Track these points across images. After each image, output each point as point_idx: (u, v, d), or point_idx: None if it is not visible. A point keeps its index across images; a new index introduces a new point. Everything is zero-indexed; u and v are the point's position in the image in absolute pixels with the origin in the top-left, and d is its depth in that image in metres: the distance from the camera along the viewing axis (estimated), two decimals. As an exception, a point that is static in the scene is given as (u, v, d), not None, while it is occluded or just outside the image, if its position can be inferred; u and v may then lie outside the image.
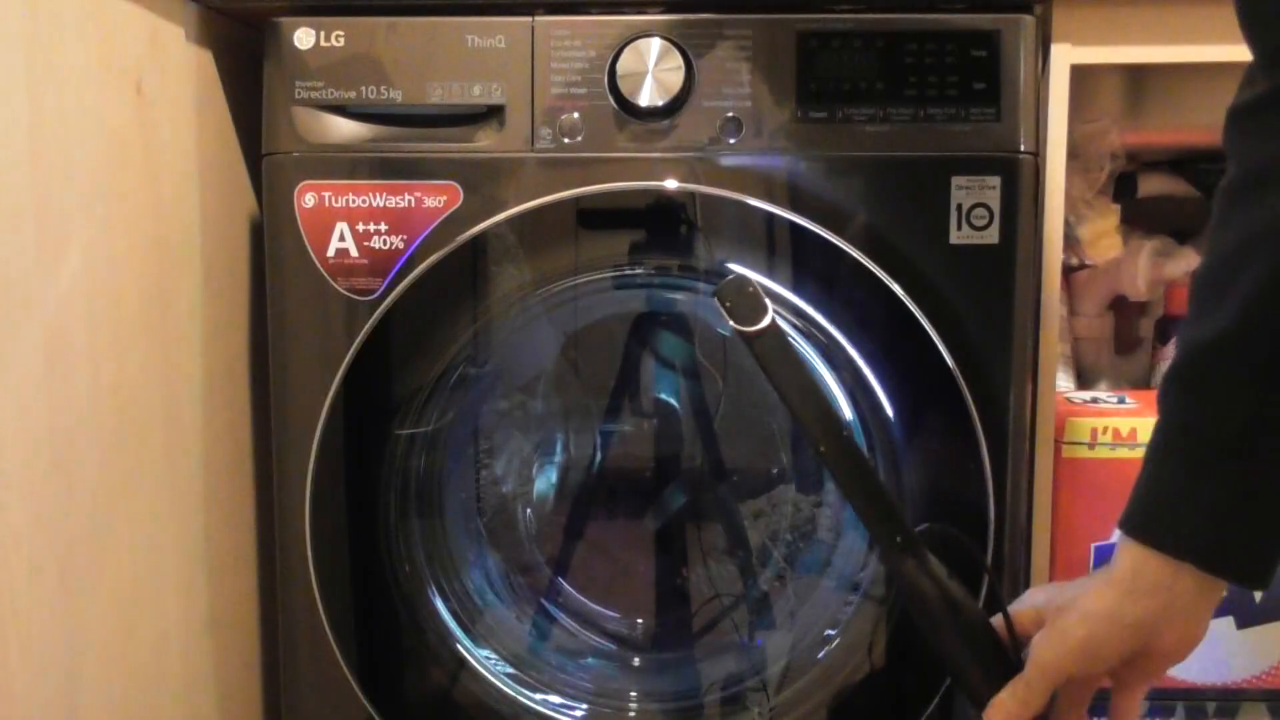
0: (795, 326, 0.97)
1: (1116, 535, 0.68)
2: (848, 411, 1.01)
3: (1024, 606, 0.74)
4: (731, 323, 0.78)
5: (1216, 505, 0.62)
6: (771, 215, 0.93)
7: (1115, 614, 0.66)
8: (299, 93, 0.94)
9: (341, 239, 0.94)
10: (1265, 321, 0.60)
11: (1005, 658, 0.74)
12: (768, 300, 0.79)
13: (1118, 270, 1.29)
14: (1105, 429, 0.98)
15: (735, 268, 0.93)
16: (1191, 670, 1.01)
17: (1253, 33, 0.61)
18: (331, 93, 0.94)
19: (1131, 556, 0.65)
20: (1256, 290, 0.59)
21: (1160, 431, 0.66)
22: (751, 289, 0.78)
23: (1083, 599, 0.68)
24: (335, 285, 0.95)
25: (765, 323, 0.77)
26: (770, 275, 0.94)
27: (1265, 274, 0.59)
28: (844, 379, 0.98)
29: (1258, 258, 0.59)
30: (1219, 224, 0.63)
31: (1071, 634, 0.68)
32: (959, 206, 0.92)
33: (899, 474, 0.95)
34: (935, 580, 0.75)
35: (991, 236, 0.92)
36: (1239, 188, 0.62)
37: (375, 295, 0.94)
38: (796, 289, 0.94)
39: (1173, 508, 0.64)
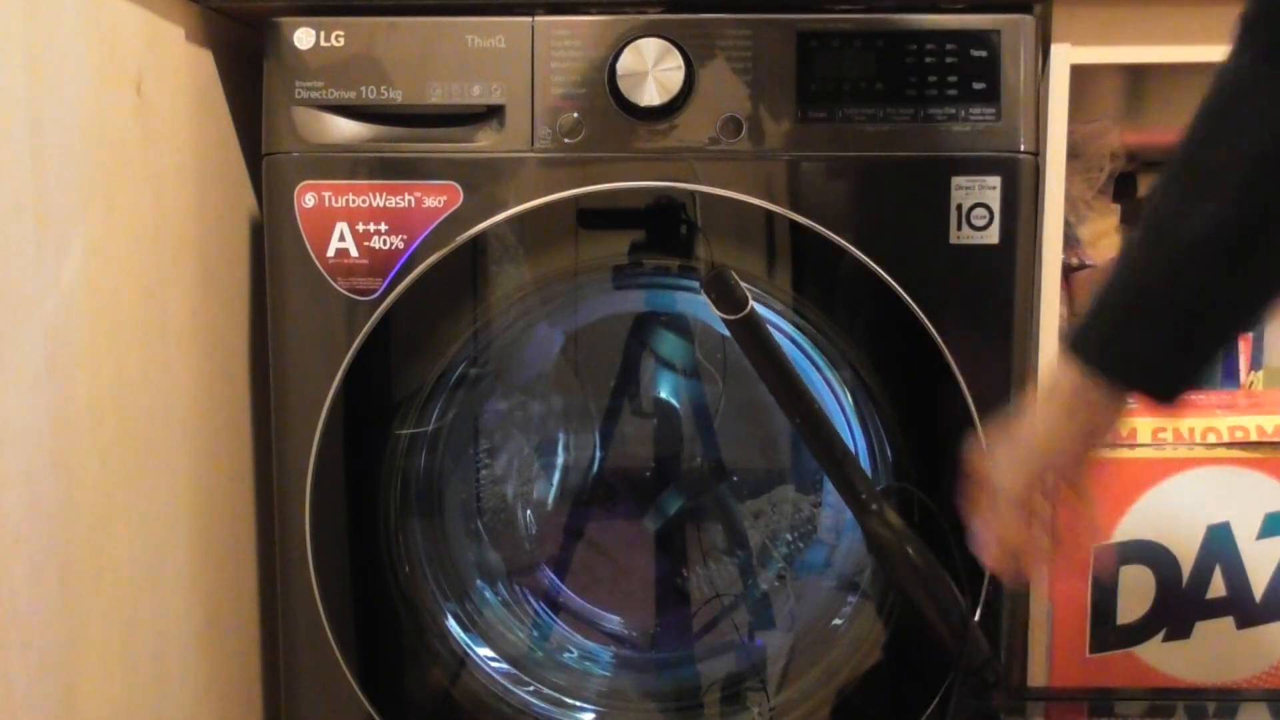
0: (795, 325, 0.97)
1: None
2: (848, 410, 1.01)
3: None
4: (717, 311, 0.87)
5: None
6: (771, 215, 0.93)
7: (1028, 420, 0.75)
8: (299, 93, 0.94)
9: (341, 239, 0.94)
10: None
11: (955, 596, 0.86)
12: (747, 291, 0.87)
13: (1118, 270, 1.28)
14: (1105, 429, 0.98)
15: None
16: (1191, 670, 1.01)
17: None
18: (331, 93, 0.94)
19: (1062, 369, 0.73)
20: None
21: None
22: (733, 281, 0.86)
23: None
24: (335, 285, 0.95)
25: (746, 311, 0.86)
26: (770, 275, 0.94)
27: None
28: (844, 378, 0.98)
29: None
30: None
31: (1002, 455, 0.77)
32: (959, 206, 0.92)
33: (899, 473, 0.95)
34: (893, 529, 0.86)
35: (991, 236, 0.92)
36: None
37: (375, 295, 0.94)
38: (796, 289, 0.94)
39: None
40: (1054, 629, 1.00)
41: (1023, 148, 0.92)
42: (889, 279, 0.92)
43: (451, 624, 1.02)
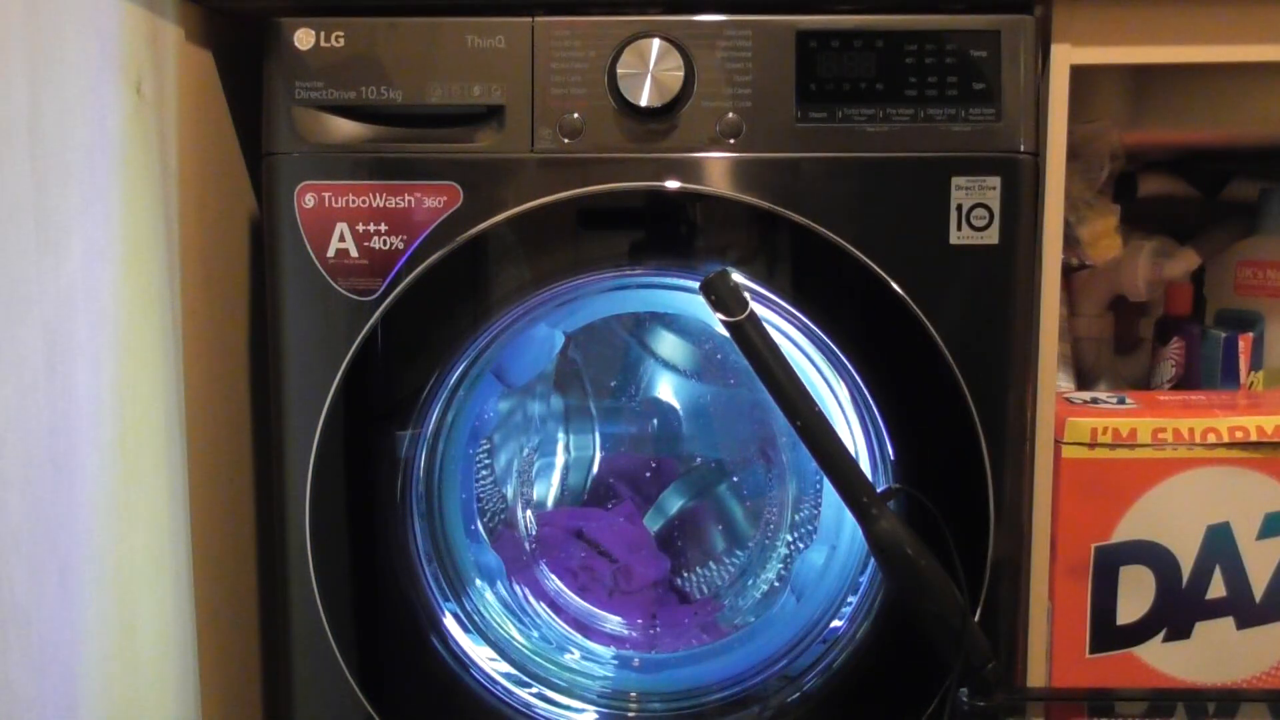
0: (795, 326, 0.97)
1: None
2: (848, 411, 1.01)
3: None
4: (716, 313, 0.87)
5: None
6: (771, 215, 0.93)
7: None
8: (299, 93, 0.94)
9: (341, 239, 0.94)
10: None
11: (955, 596, 0.86)
12: (747, 293, 0.86)
13: (1118, 270, 1.29)
14: (1105, 429, 0.98)
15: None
16: (1191, 670, 1.01)
17: None
18: (331, 93, 0.94)
19: None
20: None
21: None
22: (733, 283, 0.86)
23: None
24: (335, 285, 0.95)
25: (745, 313, 0.86)
26: (770, 275, 0.94)
27: None
28: (844, 379, 0.98)
29: None
30: None
31: None
32: (959, 207, 0.92)
33: (899, 474, 0.95)
34: (893, 530, 0.86)
35: (991, 237, 0.92)
36: None
37: (375, 295, 0.94)
38: (796, 289, 0.94)
39: None
40: (1054, 629, 1.00)
41: (1023, 148, 0.92)
42: (889, 279, 0.92)
43: (451, 624, 1.02)
